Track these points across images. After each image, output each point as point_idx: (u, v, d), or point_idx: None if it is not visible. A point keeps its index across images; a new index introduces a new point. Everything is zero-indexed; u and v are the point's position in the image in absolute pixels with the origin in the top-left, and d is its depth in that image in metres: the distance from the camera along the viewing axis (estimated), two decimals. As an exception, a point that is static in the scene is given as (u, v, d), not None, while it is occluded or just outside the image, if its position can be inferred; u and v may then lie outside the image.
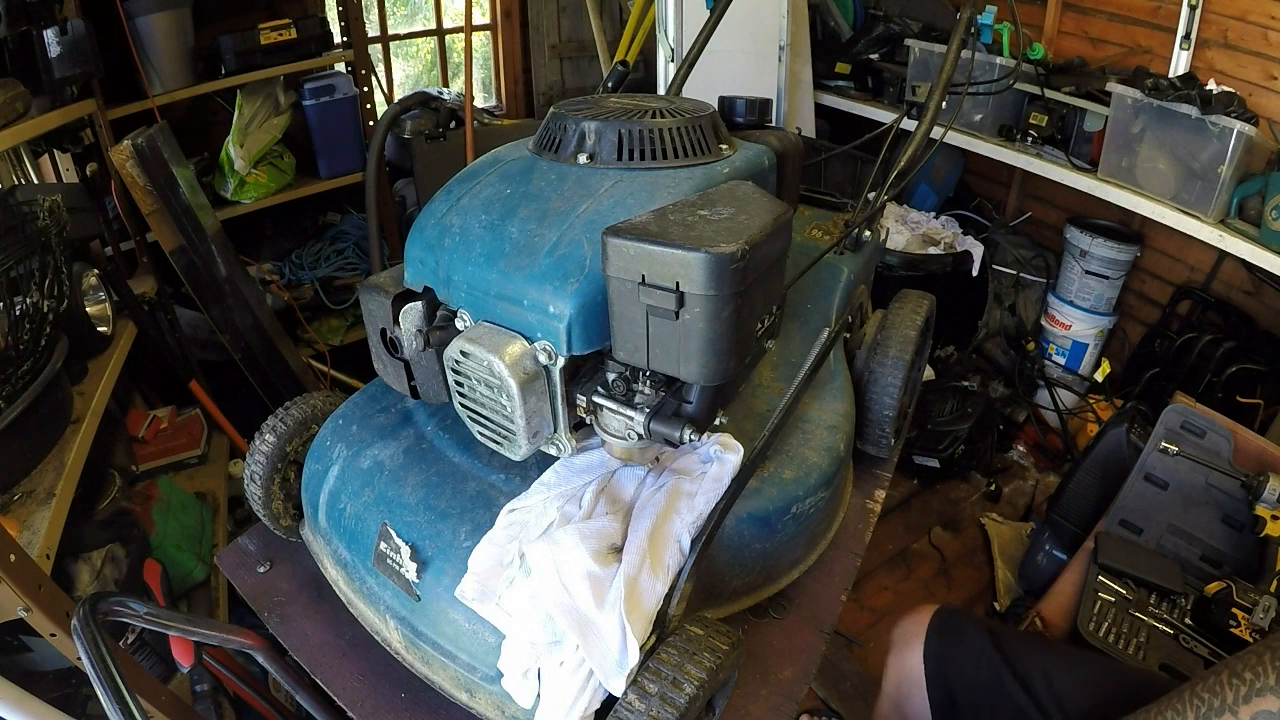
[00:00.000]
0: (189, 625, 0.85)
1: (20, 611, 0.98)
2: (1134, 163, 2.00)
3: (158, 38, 2.10)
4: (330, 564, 0.83)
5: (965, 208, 2.83)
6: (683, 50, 2.14)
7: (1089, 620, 1.33)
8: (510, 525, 0.65)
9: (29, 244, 1.24)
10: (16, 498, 1.19)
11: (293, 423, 0.89)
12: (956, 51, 1.13)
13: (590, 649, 0.59)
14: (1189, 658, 1.26)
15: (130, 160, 1.82)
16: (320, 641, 0.82)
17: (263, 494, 0.87)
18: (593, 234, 0.61)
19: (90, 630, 0.64)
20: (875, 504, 1.02)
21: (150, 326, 1.87)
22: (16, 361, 1.21)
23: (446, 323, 0.71)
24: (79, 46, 1.70)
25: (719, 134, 0.78)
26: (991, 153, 2.31)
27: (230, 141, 2.32)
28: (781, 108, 2.51)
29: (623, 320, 0.58)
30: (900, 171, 1.06)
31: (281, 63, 2.32)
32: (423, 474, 0.77)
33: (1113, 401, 2.45)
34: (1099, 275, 2.42)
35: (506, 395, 0.63)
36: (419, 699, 0.74)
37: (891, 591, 2.02)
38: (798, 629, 0.83)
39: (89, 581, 1.28)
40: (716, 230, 0.56)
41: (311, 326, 2.65)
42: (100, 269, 1.69)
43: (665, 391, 0.64)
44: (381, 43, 3.01)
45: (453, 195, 0.75)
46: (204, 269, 2.03)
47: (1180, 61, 2.14)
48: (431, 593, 0.71)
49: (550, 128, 0.77)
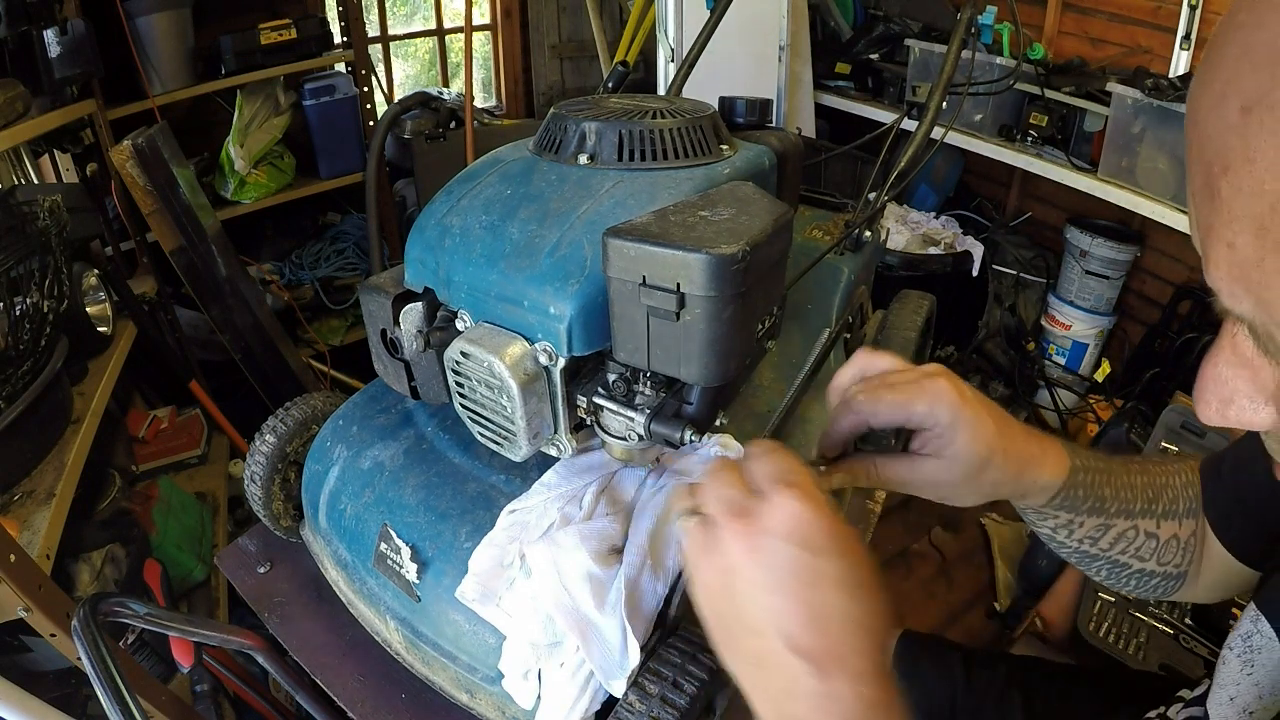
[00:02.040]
0: (189, 625, 0.85)
1: (20, 611, 0.98)
2: (1134, 163, 2.00)
3: (158, 38, 2.10)
4: (330, 564, 0.83)
5: (965, 208, 2.83)
6: (683, 50, 2.14)
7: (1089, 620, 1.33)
8: (511, 526, 0.65)
9: (29, 244, 1.24)
10: (16, 498, 1.19)
11: (293, 423, 0.89)
12: (956, 51, 1.13)
13: (591, 650, 0.59)
14: (1189, 658, 1.26)
15: (130, 160, 1.82)
16: (320, 642, 0.82)
17: (263, 494, 0.87)
18: (593, 235, 0.61)
19: (90, 630, 0.64)
20: (875, 504, 1.02)
21: (150, 326, 1.87)
22: (16, 361, 1.21)
23: (447, 323, 0.71)
24: (79, 46, 1.70)
25: (719, 134, 0.78)
26: (991, 153, 2.31)
27: (230, 141, 2.31)
28: (781, 108, 2.51)
29: (623, 321, 0.58)
30: (900, 172, 1.06)
31: (281, 63, 2.32)
32: (423, 475, 0.77)
33: (1113, 401, 2.45)
34: (1099, 275, 2.42)
35: (507, 396, 0.63)
36: (419, 700, 0.75)
37: (891, 591, 2.01)
38: (798, 629, 0.82)
39: (89, 581, 1.28)
40: (717, 231, 0.56)
41: (311, 326, 2.65)
42: (100, 269, 1.69)
43: (666, 392, 0.64)
44: (381, 43, 3.01)
45: (453, 196, 0.75)
46: (204, 269, 2.03)
47: (1180, 61, 2.14)
48: (432, 593, 0.71)
49: (550, 128, 0.76)
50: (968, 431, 0.56)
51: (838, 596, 0.45)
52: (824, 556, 0.45)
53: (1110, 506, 0.66)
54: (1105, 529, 0.66)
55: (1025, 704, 0.87)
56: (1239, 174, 0.29)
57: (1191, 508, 0.69)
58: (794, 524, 0.45)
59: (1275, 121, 0.27)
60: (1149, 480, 0.68)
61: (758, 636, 0.45)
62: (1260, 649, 0.56)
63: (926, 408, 0.56)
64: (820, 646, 0.44)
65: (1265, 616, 0.56)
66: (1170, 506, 0.68)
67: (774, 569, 0.44)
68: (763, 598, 0.45)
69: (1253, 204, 0.28)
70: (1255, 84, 0.28)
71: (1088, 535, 0.67)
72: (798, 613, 0.44)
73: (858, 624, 0.45)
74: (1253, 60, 0.28)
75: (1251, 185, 0.28)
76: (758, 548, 0.45)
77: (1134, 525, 0.67)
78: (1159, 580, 0.71)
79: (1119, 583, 0.71)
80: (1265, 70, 0.27)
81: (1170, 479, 0.69)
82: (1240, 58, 0.29)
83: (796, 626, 0.44)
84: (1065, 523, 0.66)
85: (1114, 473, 0.66)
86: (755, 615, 0.45)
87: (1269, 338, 0.32)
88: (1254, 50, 0.28)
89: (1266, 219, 0.28)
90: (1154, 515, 0.68)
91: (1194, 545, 0.70)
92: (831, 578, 0.45)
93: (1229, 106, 0.29)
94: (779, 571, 0.44)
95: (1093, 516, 0.65)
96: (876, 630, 0.45)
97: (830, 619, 0.44)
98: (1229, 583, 0.68)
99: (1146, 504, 0.67)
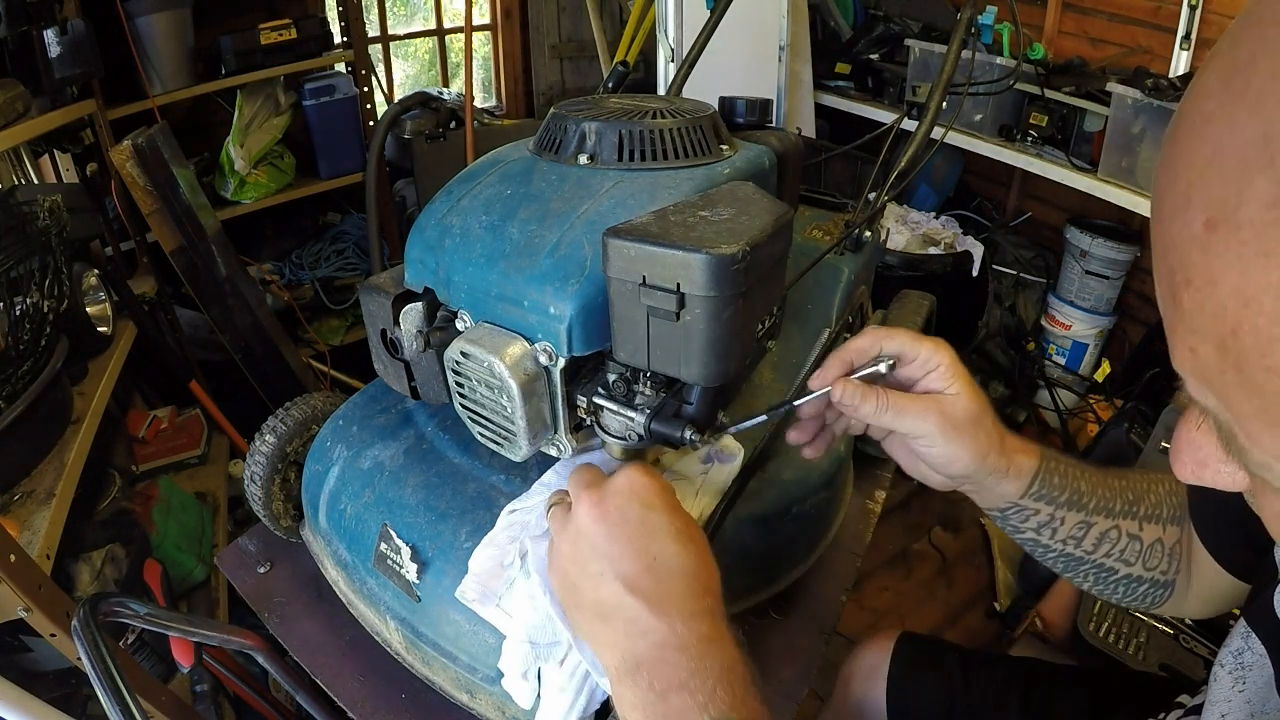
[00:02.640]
0: (189, 625, 0.85)
1: (20, 611, 0.98)
2: (1134, 163, 2.00)
3: (158, 38, 2.10)
4: (330, 564, 0.83)
5: (965, 208, 2.83)
6: (683, 50, 2.14)
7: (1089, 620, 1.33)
8: (510, 526, 0.65)
9: (29, 244, 1.24)
10: (16, 498, 1.19)
11: (293, 423, 0.89)
12: (956, 52, 1.13)
13: (584, 649, 0.59)
14: (1189, 658, 1.26)
15: (130, 160, 1.82)
16: (320, 642, 0.82)
17: (263, 494, 0.87)
18: (593, 235, 0.61)
19: (90, 630, 0.64)
20: (875, 504, 1.02)
21: (150, 326, 1.87)
22: (16, 361, 1.21)
23: (447, 323, 0.71)
24: (79, 46, 1.70)
25: (719, 134, 0.78)
26: (991, 153, 2.31)
27: (230, 141, 2.31)
28: (781, 108, 2.51)
29: (623, 321, 0.58)
30: (900, 172, 1.06)
31: (281, 63, 2.32)
32: (423, 475, 0.77)
33: (1113, 402, 2.45)
34: (1099, 275, 2.42)
35: (507, 396, 0.63)
36: (419, 700, 0.75)
37: (891, 591, 2.02)
38: (798, 629, 0.83)
39: (89, 581, 1.28)
40: (717, 231, 0.56)
41: (311, 326, 2.65)
42: (100, 269, 1.69)
43: (666, 392, 0.64)
44: (381, 43, 3.01)
45: (453, 196, 0.75)
46: (204, 269, 2.03)
47: (1180, 61, 2.14)
48: (432, 593, 0.71)
49: (550, 128, 0.76)
50: (965, 380, 0.60)
51: (670, 545, 0.51)
52: (657, 512, 0.52)
53: (1089, 502, 0.65)
54: (1087, 527, 0.66)
55: (1023, 705, 0.87)
56: (1201, 292, 0.27)
57: (1175, 515, 0.69)
58: (633, 486, 0.53)
59: (1240, 243, 0.25)
60: (1129, 484, 0.68)
61: (601, 586, 0.51)
62: (1251, 666, 0.55)
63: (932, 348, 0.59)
64: (655, 588, 0.50)
65: (1255, 633, 0.56)
66: (1154, 510, 0.68)
67: (616, 523, 0.51)
68: (605, 546, 0.51)
69: (1215, 324, 0.27)
70: (1222, 196, 0.25)
71: (1070, 535, 0.66)
72: (636, 557, 0.50)
73: (686, 571, 0.51)
74: (1220, 167, 0.26)
75: (1213, 307, 0.27)
76: (603, 506, 0.52)
77: (1116, 525, 0.67)
78: (1147, 587, 0.70)
79: (1107, 590, 0.71)
80: (1233, 182, 0.25)
81: (1153, 485, 0.69)
82: (1209, 161, 0.26)
83: (634, 569, 0.50)
84: (1046, 520, 0.66)
85: (1090, 471, 0.67)
86: (598, 565, 0.51)
87: (1231, 437, 0.31)
88: (1223, 155, 0.26)
89: (1228, 340, 0.27)
90: (1136, 517, 0.67)
91: (1180, 553, 0.69)
92: (665, 530, 0.52)
93: (1193, 216, 0.27)
94: (620, 524, 0.51)
95: (1072, 511, 0.65)
96: (703, 578, 0.52)
97: (663, 564, 0.51)
98: (1220, 595, 0.67)
99: (1128, 505, 0.67)
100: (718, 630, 0.50)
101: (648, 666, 0.48)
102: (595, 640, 0.53)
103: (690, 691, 0.47)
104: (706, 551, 0.54)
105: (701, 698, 0.47)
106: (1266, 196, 0.24)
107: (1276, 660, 0.52)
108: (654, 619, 0.49)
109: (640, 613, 0.49)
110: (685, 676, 0.47)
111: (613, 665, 0.51)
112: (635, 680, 0.49)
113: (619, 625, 0.50)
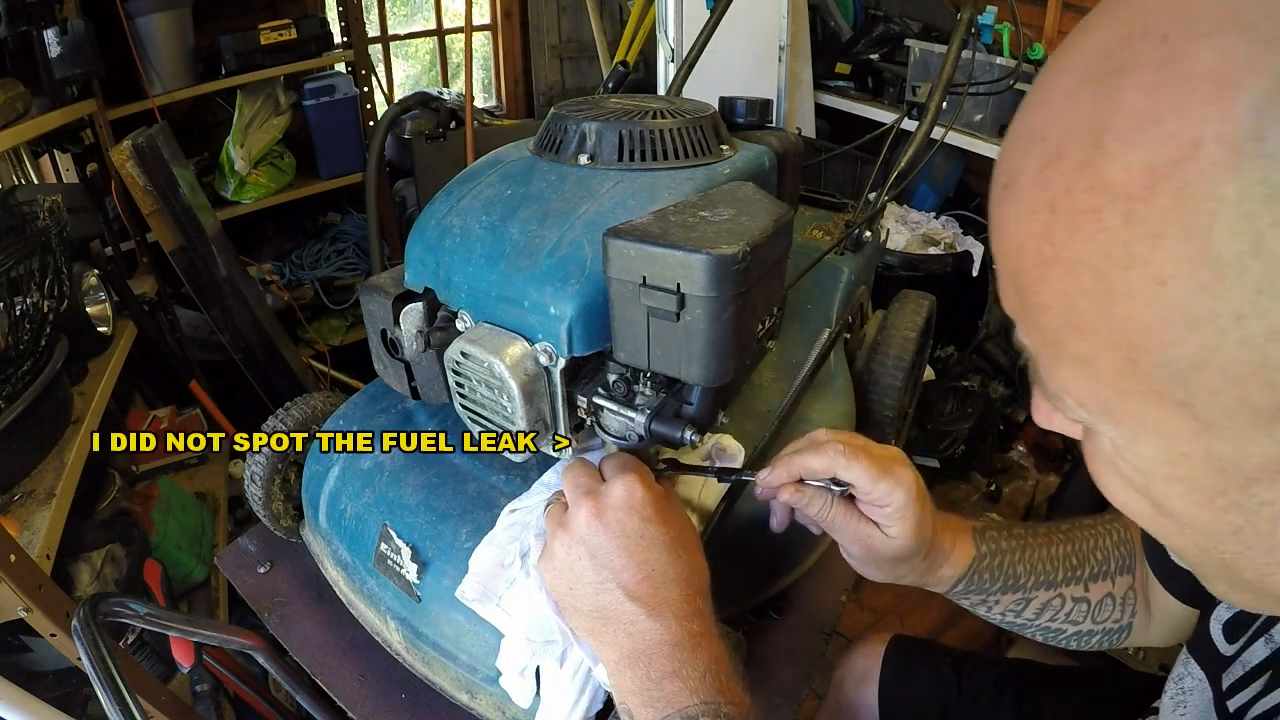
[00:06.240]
0: (189, 626, 0.85)
1: (20, 611, 0.98)
2: (1134, 163, 2.00)
3: (158, 38, 2.10)
4: (331, 565, 0.83)
5: (965, 208, 2.83)
6: (683, 50, 2.14)
7: (1089, 621, 1.33)
8: (511, 526, 0.65)
9: (29, 244, 1.24)
10: (16, 498, 1.19)
11: (293, 423, 0.89)
12: (957, 52, 1.13)
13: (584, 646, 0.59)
14: (1189, 658, 1.26)
15: (130, 160, 1.82)
16: (320, 642, 0.82)
17: (263, 495, 0.87)
18: (593, 235, 0.61)
19: (90, 630, 0.64)
20: (875, 504, 1.02)
21: (150, 326, 1.87)
22: (16, 361, 1.21)
23: (447, 324, 0.71)
24: (79, 46, 1.70)
25: (720, 135, 0.78)
26: (992, 153, 2.31)
27: (230, 141, 2.31)
28: (781, 108, 2.50)
29: (623, 321, 0.58)
30: (901, 172, 1.06)
31: (281, 63, 2.32)
32: (423, 475, 0.77)
33: (1113, 402, 2.45)
34: (1099, 275, 2.42)
35: (507, 396, 0.63)
36: (419, 700, 0.75)
37: (891, 592, 2.02)
38: (798, 629, 0.83)
39: (89, 581, 1.28)
40: (718, 232, 0.55)
41: (311, 326, 2.65)
42: (100, 269, 1.69)
43: (666, 393, 0.64)
44: (381, 43, 3.01)
45: (453, 196, 0.74)
46: (204, 269, 2.03)
47: (1180, 62, 2.13)
48: (432, 594, 0.71)
49: (551, 128, 0.76)
50: (912, 522, 0.61)
51: (665, 555, 0.55)
52: (653, 524, 0.56)
53: (1026, 582, 0.69)
54: (1025, 602, 0.70)
55: (1016, 706, 0.87)
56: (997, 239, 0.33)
57: (1125, 564, 0.71)
58: (630, 499, 0.56)
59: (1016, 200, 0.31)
60: (1074, 549, 0.70)
61: (602, 593, 0.55)
62: (1191, 691, 0.57)
63: (890, 487, 0.60)
64: (652, 594, 0.54)
65: (1194, 658, 0.57)
66: (1100, 567, 0.70)
67: (615, 535, 0.55)
68: (605, 558, 0.55)
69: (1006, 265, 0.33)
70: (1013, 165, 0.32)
71: (1008, 609, 0.70)
72: (636, 569, 0.55)
73: (680, 578, 0.56)
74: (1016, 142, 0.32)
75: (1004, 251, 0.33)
76: (603, 519, 0.56)
77: (1059, 594, 0.69)
78: (1100, 637, 0.72)
79: (1060, 642, 0.73)
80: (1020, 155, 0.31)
81: (1100, 540, 0.71)
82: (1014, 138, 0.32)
83: (635, 579, 0.55)
84: (979, 601, 0.70)
85: (1033, 548, 0.69)
86: (600, 575, 0.55)
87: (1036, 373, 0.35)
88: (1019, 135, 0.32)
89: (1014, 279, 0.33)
90: (1080, 580, 0.70)
91: (1133, 598, 0.71)
92: (661, 541, 0.56)
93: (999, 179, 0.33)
94: (619, 537, 0.55)
95: (1007, 594, 0.69)
96: (695, 582, 0.57)
97: (658, 573, 0.55)
98: (1181, 624, 0.68)
99: (1070, 571, 0.69)
100: (706, 627, 0.55)
101: (644, 659, 0.53)
102: (595, 638, 0.57)
103: (682, 679, 0.52)
104: (699, 556, 0.58)
105: (693, 683, 0.52)
106: (1036, 166, 0.30)
107: (1214, 684, 0.54)
108: (651, 621, 0.54)
109: (639, 616, 0.54)
110: (678, 666, 0.52)
111: (612, 659, 0.55)
112: (633, 670, 0.54)
113: (619, 626, 0.55)
